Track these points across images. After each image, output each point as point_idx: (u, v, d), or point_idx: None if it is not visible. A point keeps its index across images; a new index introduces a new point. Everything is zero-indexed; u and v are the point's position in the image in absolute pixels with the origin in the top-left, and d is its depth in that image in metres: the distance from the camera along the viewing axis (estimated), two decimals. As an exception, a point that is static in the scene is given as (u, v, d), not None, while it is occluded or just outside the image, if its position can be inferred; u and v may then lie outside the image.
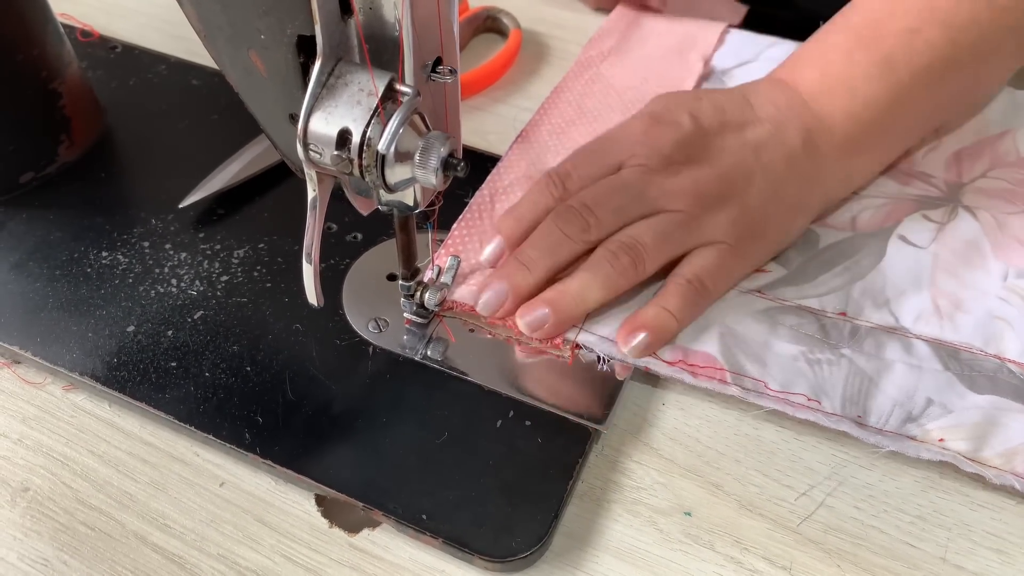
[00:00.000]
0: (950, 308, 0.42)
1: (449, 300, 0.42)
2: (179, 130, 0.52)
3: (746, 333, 0.40)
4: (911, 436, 0.37)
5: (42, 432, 0.39)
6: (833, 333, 0.41)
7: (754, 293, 0.43)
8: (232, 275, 0.44)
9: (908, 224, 0.46)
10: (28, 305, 0.43)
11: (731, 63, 0.56)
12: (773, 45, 0.57)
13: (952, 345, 0.40)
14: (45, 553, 0.36)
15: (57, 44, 0.48)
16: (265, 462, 0.37)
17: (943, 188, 0.48)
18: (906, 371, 0.39)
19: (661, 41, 0.57)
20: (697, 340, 0.40)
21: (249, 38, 0.30)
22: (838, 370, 0.39)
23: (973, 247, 0.44)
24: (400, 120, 0.29)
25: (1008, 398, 0.38)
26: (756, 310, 0.42)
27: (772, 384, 0.38)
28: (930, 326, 0.41)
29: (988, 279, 0.43)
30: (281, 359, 0.41)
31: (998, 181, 0.48)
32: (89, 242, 0.46)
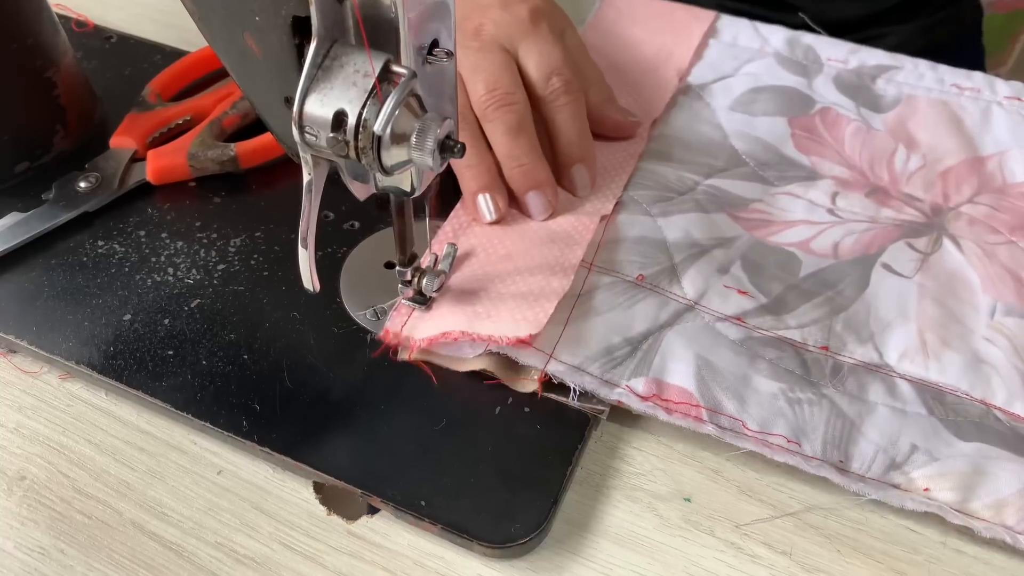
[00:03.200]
0: (937, 345, 0.40)
1: (415, 342, 0.39)
2: (175, 119, 0.52)
3: (724, 366, 0.38)
4: (895, 484, 0.35)
5: (38, 421, 0.39)
6: (814, 370, 0.39)
7: (732, 320, 0.41)
8: (229, 264, 0.44)
9: (892, 252, 0.44)
10: (24, 294, 0.43)
11: (709, 77, 0.54)
12: (752, 60, 0.55)
13: (937, 387, 0.39)
14: (42, 542, 0.35)
15: (52, 33, 0.48)
16: (263, 450, 0.37)
17: (927, 213, 0.46)
18: (890, 415, 0.37)
19: (636, 54, 0.56)
20: (672, 371, 0.38)
21: (244, 20, 0.30)
22: (819, 411, 0.37)
23: (959, 279, 0.43)
24: (396, 101, 0.29)
25: (995, 446, 0.36)
26: (734, 340, 0.40)
27: (750, 423, 0.37)
28: (915, 365, 0.39)
29: (975, 315, 0.41)
30: (278, 347, 0.40)
31: (983, 207, 0.47)
32: (85, 231, 0.46)
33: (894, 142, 0.50)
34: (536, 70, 0.45)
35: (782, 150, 0.50)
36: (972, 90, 0.54)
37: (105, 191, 0.47)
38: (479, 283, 0.41)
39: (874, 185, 0.48)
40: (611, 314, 0.40)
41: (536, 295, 0.40)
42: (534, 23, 0.46)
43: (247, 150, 0.48)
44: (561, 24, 0.48)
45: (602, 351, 0.39)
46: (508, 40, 0.45)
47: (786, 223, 0.46)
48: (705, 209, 0.46)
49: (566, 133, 0.45)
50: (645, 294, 0.41)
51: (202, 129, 0.49)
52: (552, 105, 0.45)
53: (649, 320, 0.40)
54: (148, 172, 0.48)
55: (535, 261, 0.42)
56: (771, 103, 0.53)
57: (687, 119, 0.51)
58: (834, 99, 0.53)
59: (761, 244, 0.45)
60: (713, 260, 0.43)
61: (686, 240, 0.44)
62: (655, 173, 0.47)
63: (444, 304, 0.40)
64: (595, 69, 0.49)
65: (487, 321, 0.39)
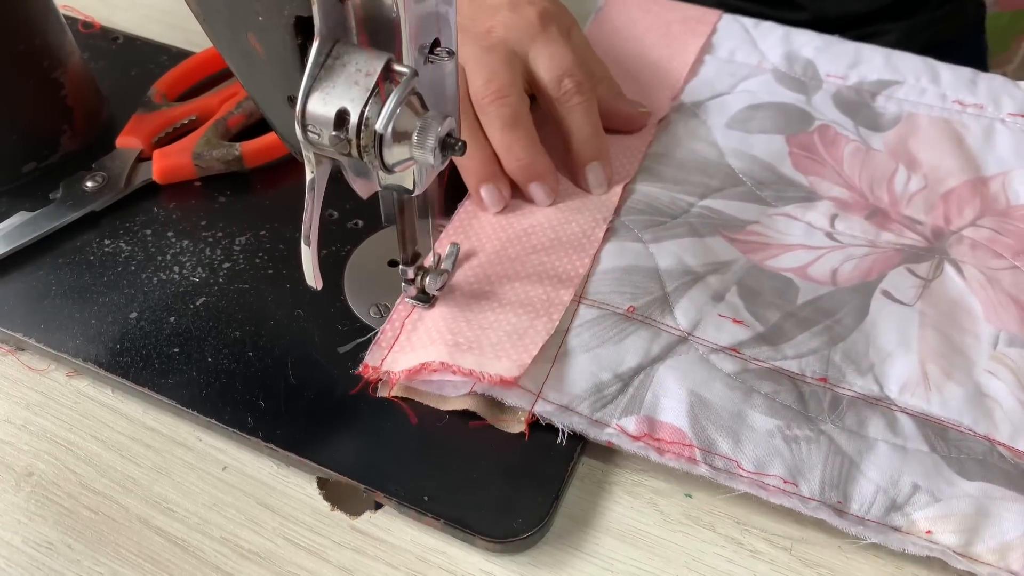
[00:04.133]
0: (939, 376, 0.38)
1: (395, 376, 0.38)
2: (181, 120, 0.53)
3: (718, 402, 0.37)
4: (895, 527, 0.34)
5: (46, 418, 0.40)
6: (812, 404, 0.37)
7: (727, 351, 0.39)
8: (234, 262, 0.44)
9: (892, 278, 0.43)
10: (32, 293, 0.43)
11: (705, 95, 0.53)
12: (749, 76, 0.54)
13: (939, 422, 0.37)
14: (49, 537, 0.36)
15: (59, 34, 0.48)
16: (267, 446, 0.37)
17: (928, 237, 0.45)
18: (890, 452, 0.36)
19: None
20: (665, 409, 0.37)
21: (247, 20, 0.30)
22: (817, 449, 0.35)
23: (961, 307, 0.42)
24: (397, 100, 0.29)
25: (1000, 485, 0.35)
26: (729, 373, 0.38)
27: (745, 463, 0.35)
28: (916, 397, 0.38)
29: (977, 346, 0.40)
30: (283, 344, 0.41)
31: (986, 231, 0.45)
32: (91, 230, 0.46)
33: (894, 162, 0.49)
34: (547, 72, 0.45)
35: (780, 169, 0.48)
36: (975, 107, 0.52)
37: (111, 190, 0.47)
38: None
39: (874, 207, 0.47)
40: (601, 349, 0.39)
41: (520, 333, 0.38)
42: (543, 25, 0.46)
43: (252, 149, 0.49)
44: (567, 23, 0.48)
45: (591, 389, 0.37)
46: (517, 43, 0.45)
47: (783, 246, 0.44)
48: (699, 233, 0.44)
49: (580, 132, 0.45)
50: (636, 327, 0.39)
51: (207, 129, 0.49)
52: (565, 106, 0.45)
53: (640, 354, 0.38)
54: (154, 172, 0.48)
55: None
56: (768, 120, 0.51)
57: (681, 137, 0.50)
58: (833, 117, 0.52)
59: (758, 269, 0.43)
60: (707, 287, 0.41)
61: (679, 267, 0.42)
62: (647, 195, 0.46)
63: (425, 333, 0.39)
64: (602, 66, 0.49)
65: (468, 354, 0.37)
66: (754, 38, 0.56)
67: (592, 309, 0.40)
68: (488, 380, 0.36)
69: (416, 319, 0.40)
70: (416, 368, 0.37)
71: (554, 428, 0.37)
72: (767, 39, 0.56)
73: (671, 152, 0.49)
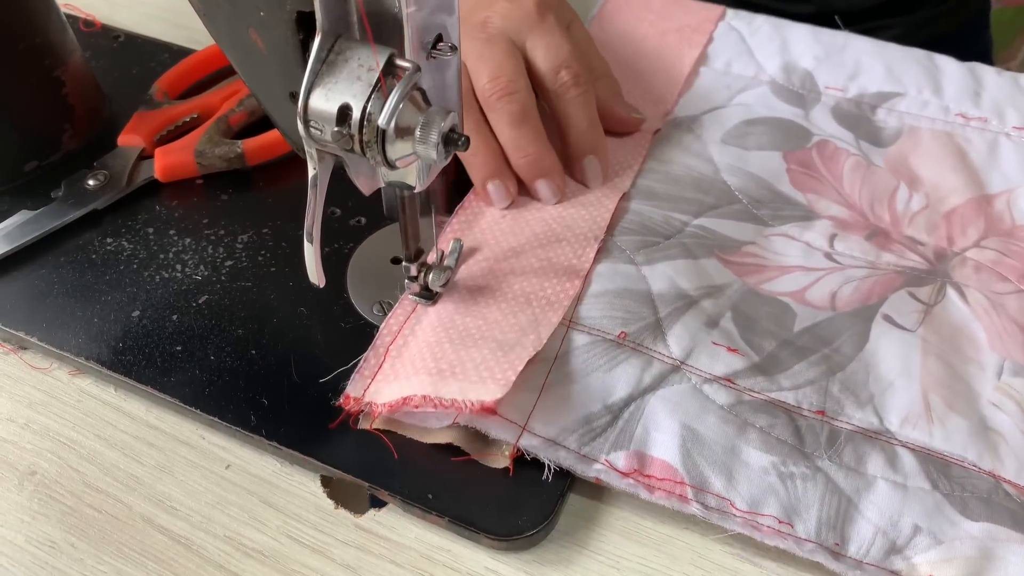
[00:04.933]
0: (942, 408, 0.37)
1: (377, 408, 0.36)
2: (182, 118, 0.52)
3: (711, 436, 0.35)
4: (895, 571, 0.33)
5: (49, 417, 0.40)
6: (809, 439, 0.36)
7: (722, 381, 0.37)
8: (236, 260, 0.44)
9: (893, 302, 0.41)
10: (34, 291, 0.43)
11: (700, 108, 0.51)
12: (745, 89, 0.52)
13: (942, 457, 0.35)
14: (53, 536, 0.36)
15: (60, 32, 0.48)
16: (271, 444, 0.37)
17: (931, 258, 0.43)
18: (890, 490, 0.34)
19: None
20: (656, 443, 0.35)
21: (248, 16, 0.30)
22: (813, 487, 0.34)
23: (964, 334, 0.40)
24: (400, 95, 0.29)
25: (1005, 526, 0.33)
26: (723, 405, 0.36)
27: (739, 502, 0.34)
28: (918, 431, 0.36)
29: (981, 375, 0.38)
30: (286, 342, 0.41)
31: (990, 252, 0.43)
32: (93, 228, 0.46)
33: (895, 180, 0.47)
34: (544, 63, 0.45)
35: (777, 187, 0.47)
36: (978, 120, 0.50)
37: (113, 189, 0.47)
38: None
39: (874, 227, 0.45)
40: (591, 378, 0.37)
41: (506, 350, 0.37)
42: (541, 15, 0.46)
43: (254, 147, 0.49)
44: (567, 16, 0.48)
45: (580, 421, 0.36)
46: (515, 33, 0.45)
47: (780, 268, 0.43)
48: (694, 254, 0.42)
49: (576, 125, 0.45)
50: (627, 354, 0.38)
51: (209, 126, 0.49)
52: (562, 98, 0.45)
53: (631, 384, 0.37)
54: (156, 170, 0.48)
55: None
56: (765, 136, 0.49)
57: (676, 152, 0.48)
58: (832, 131, 0.50)
59: (753, 293, 0.41)
60: (701, 313, 0.40)
61: (672, 291, 0.40)
62: (640, 214, 0.44)
63: (409, 361, 0.38)
64: (602, 61, 0.49)
65: (452, 381, 0.36)
66: (751, 47, 0.55)
67: (582, 335, 0.39)
68: (470, 409, 0.35)
69: (400, 345, 0.39)
70: (398, 403, 0.36)
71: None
72: (764, 48, 0.55)
73: (665, 168, 0.47)
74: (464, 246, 0.43)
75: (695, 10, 0.58)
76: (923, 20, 0.71)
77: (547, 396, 0.36)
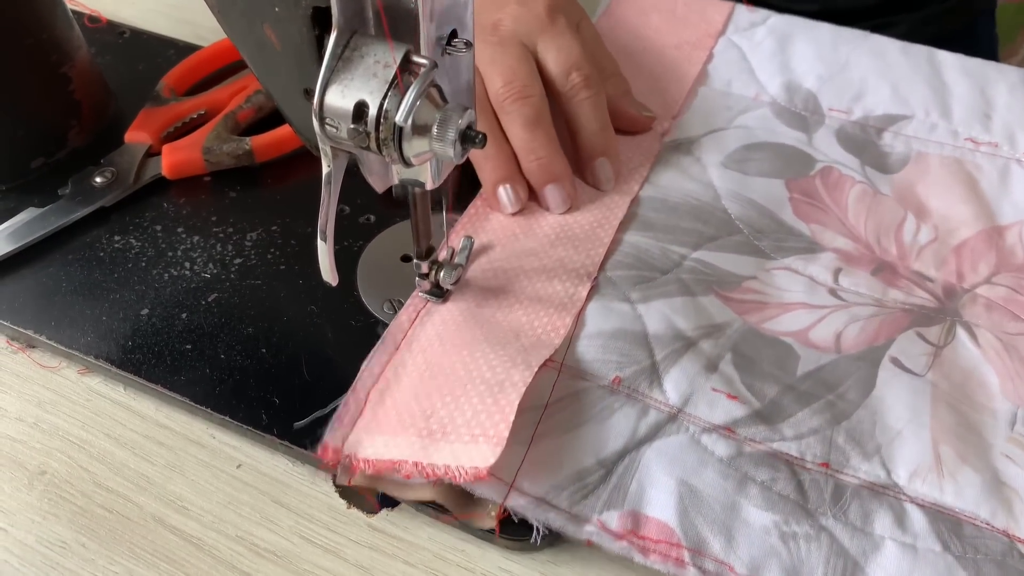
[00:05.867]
0: (954, 460, 0.35)
1: (358, 462, 0.34)
2: (189, 114, 0.52)
3: (710, 493, 0.33)
4: None
5: (58, 416, 0.39)
6: (812, 494, 0.34)
7: (721, 431, 0.35)
8: (246, 258, 0.44)
9: (901, 344, 0.39)
10: (42, 290, 0.43)
11: (700, 130, 0.49)
12: (746, 110, 0.50)
13: (954, 514, 0.33)
14: (63, 536, 0.35)
15: (66, 28, 0.48)
16: (282, 443, 0.37)
17: (940, 296, 0.41)
18: (898, 552, 0.32)
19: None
20: (651, 501, 0.33)
21: (263, 11, 0.30)
22: (817, 549, 0.32)
23: (975, 379, 0.38)
24: (418, 91, 0.28)
25: None
26: (722, 458, 0.34)
27: (738, 566, 0.32)
28: (928, 485, 0.34)
29: (993, 424, 0.36)
30: (296, 341, 0.40)
31: (1002, 289, 0.41)
32: (101, 226, 0.46)
33: (903, 210, 0.45)
34: (556, 65, 0.45)
35: (780, 216, 0.45)
36: (989, 145, 0.48)
37: (121, 186, 0.47)
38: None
39: (880, 260, 0.43)
40: (583, 429, 0.35)
41: (496, 390, 0.35)
42: (551, 18, 0.45)
43: (262, 144, 0.48)
44: (577, 16, 0.48)
45: (572, 477, 0.34)
46: (526, 35, 0.45)
47: (783, 305, 0.41)
48: (692, 291, 0.40)
49: (587, 127, 0.45)
50: (622, 402, 0.36)
51: (217, 123, 0.49)
52: (573, 100, 0.45)
53: (626, 435, 0.35)
54: (163, 167, 0.48)
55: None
56: (767, 163, 0.47)
57: (675, 177, 0.46)
58: (837, 157, 0.48)
59: (755, 333, 0.39)
60: (700, 355, 0.38)
61: (669, 332, 0.38)
62: (636, 247, 0.42)
63: (393, 408, 0.35)
64: (612, 61, 0.49)
65: (443, 444, 0.34)
66: (752, 66, 0.53)
67: (574, 380, 0.37)
68: (464, 478, 0.32)
69: (383, 389, 0.36)
70: (386, 466, 0.34)
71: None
72: (765, 67, 0.53)
73: (663, 195, 0.45)
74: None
75: (695, 22, 0.56)
76: (928, 17, 0.71)
77: (536, 449, 0.34)
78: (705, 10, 0.57)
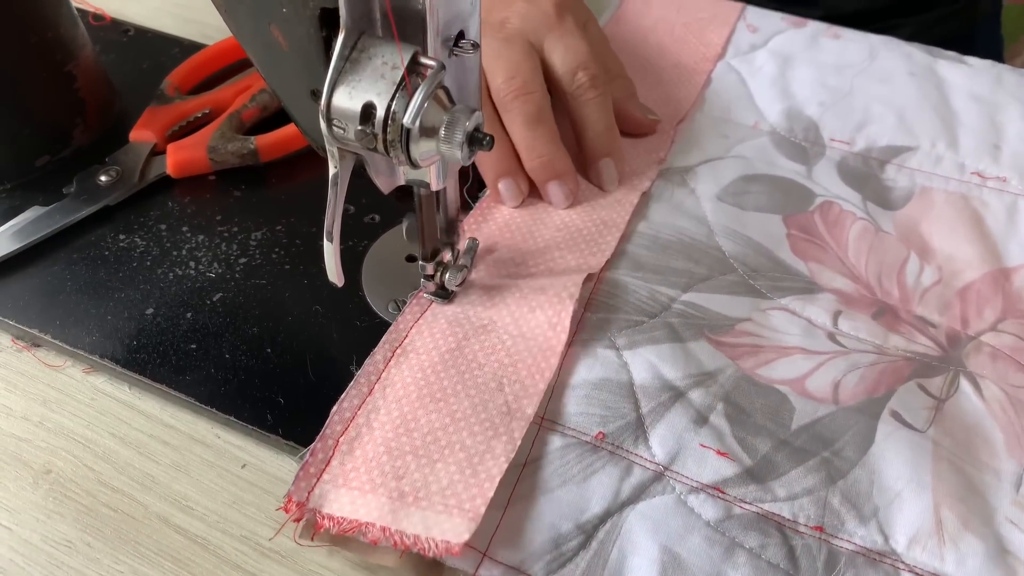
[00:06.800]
0: (956, 526, 0.32)
1: (322, 519, 0.32)
2: (194, 113, 0.52)
3: (695, 562, 0.31)
4: None
5: (63, 415, 0.39)
6: (804, 562, 0.32)
7: (710, 490, 0.33)
8: (250, 257, 0.44)
9: (902, 396, 0.37)
10: (47, 288, 0.43)
11: (695, 159, 0.47)
12: (744, 140, 0.49)
13: None
14: (68, 535, 0.35)
15: (71, 26, 0.48)
16: (287, 443, 0.37)
17: (943, 344, 0.39)
18: None
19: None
20: (632, 570, 0.31)
21: (270, 12, 0.30)
22: None
23: (978, 435, 0.36)
24: (425, 93, 0.29)
25: None
26: (709, 521, 0.32)
27: None
28: (928, 553, 0.32)
29: (998, 486, 0.34)
30: (301, 341, 0.40)
31: (1008, 337, 0.39)
32: (106, 225, 0.46)
33: (906, 249, 0.43)
34: (562, 64, 0.45)
35: (776, 254, 0.43)
36: (997, 179, 0.46)
37: (126, 185, 0.47)
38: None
39: (882, 303, 0.41)
40: (562, 490, 0.33)
41: (475, 463, 0.33)
42: (559, 16, 0.45)
43: (267, 143, 0.48)
44: (584, 16, 0.48)
45: (548, 543, 0.32)
46: (533, 33, 0.45)
47: (779, 349, 0.38)
48: (681, 337, 0.38)
49: (593, 127, 0.45)
50: (604, 460, 0.34)
51: (222, 122, 0.49)
52: (579, 100, 0.45)
53: (608, 497, 0.33)
54: (168, 166, 0.48)
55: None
56: (764, 196, 0.46)
57: (667, 212, 0.44)
58: (837, 191, 0.46)
59: (748, 380, 0.37)
60: (689, 408, 0.36)
61: (656, 382, 0.36)
62: (625, 288, 0.40)
63: (363, 461, 0.34)
64: (618, 63, 0.49)
65: (414, 510, 0.32)
66: (751, 91, 0.52)
67: (555, 436, 0.35)
68: (435, 551, 0.31)
69: (353, 437, 0.35)
70: (351, 527, 0.32)
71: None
72: (765, 94, 0.51)
73: (654, 231, 0.44)
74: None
75: (693, 45, 0.55)
76: (933, 20, 0.71)
77: (513, 512, 0.33)
78: (704, 32, 0.56)
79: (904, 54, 0.54)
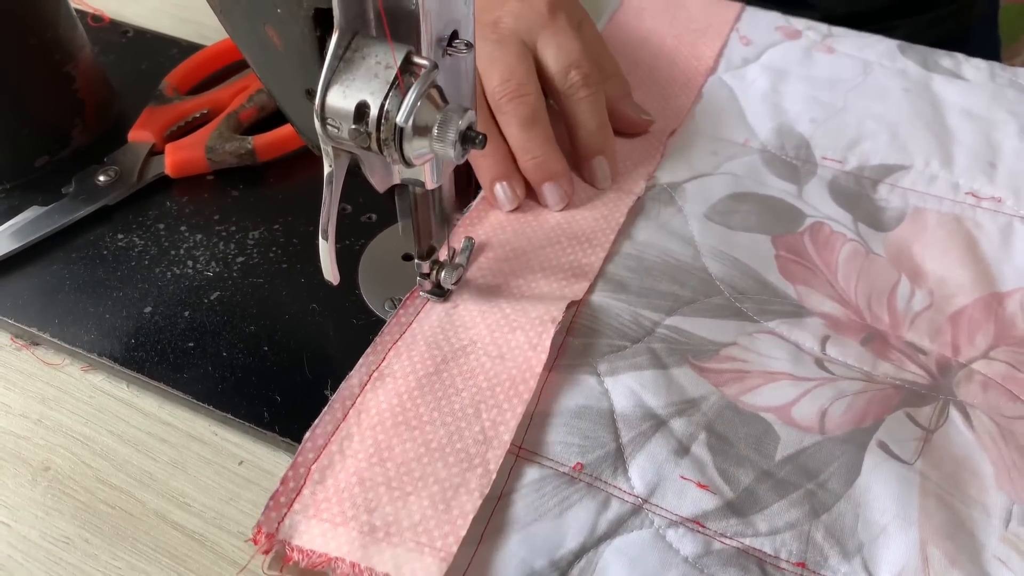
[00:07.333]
0: (942, 564, 0.31)
1: (291, 551, 0.31)
2: (192, 113, 0.52)
3: None
4: None
5: (61, 412, 0.40)
6: None
7: (689, 524, 0.32)
8: (248, 256, 0.44)
9: (890, 426, 0.35)
10: (46, 287, 0.43)
11: (683, 175, 0.46)
12: (734, 157, 0.48)
13: None
14: (67, 531, 0.36)
15: (70, 27, 0.48)
16: (284, 440, 0.37)
17: (933, 371, 0.38)
18: None
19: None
20: None
21: (265, 12, 0.30)
22: None
23: (967, 468, 0.35)
24: (418, 92, 0.29)
25: None
26: (687, 557, 0.31)
27: None
28: None
29: (986, 521, 0.33)
30: (298, 339, 0.41)
31: (1000, 365, 0.38)
32: (105, 224, 0.46)
33: (896, 272, 0.42)
34: (555, 63, 0.45)
35: (764, 276, 0.42)
36: (991, 200, 0.45)
37: (124, 185, 0.47)
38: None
39: (871, 329, 0.40)
40: (537, 525, 0.32)
41: (448, 498, 0.32)
42: (552, 15, 0.46)
43: (264, 143, 0.49)
44: (578, 16, 0.48)
45: None
46: (526, 33, 0.45)
47: (765, 375, 0.37)
48: (663, 363, 0.37)
49: (585, 126, 0.45)
50: (582, 493, 0.33)
51: (220, 122, 0.49)
52: (571, 99, 0.45)
53: (584, 531, 0.32)
54: (167, 165, 0.48)
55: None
56: (753, 216, 0.45)
57: (653, 232, 0.43)
58: (828, 211, 0.45)
59: (732, 408, 0.36)
60: (670, 437, 0.35)
61: (638, 410, 0.35)
62: (607, 312, 0.39)
63: (335, 492, 0.33)
64: (613, 62, 0.49)
65: (385, 547, 0.31)
66: (742, 107, 0.51)
67: (532, 467, 0.34)
68: None
69: (325, 465, 0.33)
70: (321, 561, 0.31)
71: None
72: (756, 110, 0.50)
73: (639, 252, 0.43)
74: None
75: (684, 58, 0.54)
76: (930, 21, 0.71)
77: (486, 548, 0.32)
78: (696, 45, 0.55)
79: (899, 70, 0.53)
